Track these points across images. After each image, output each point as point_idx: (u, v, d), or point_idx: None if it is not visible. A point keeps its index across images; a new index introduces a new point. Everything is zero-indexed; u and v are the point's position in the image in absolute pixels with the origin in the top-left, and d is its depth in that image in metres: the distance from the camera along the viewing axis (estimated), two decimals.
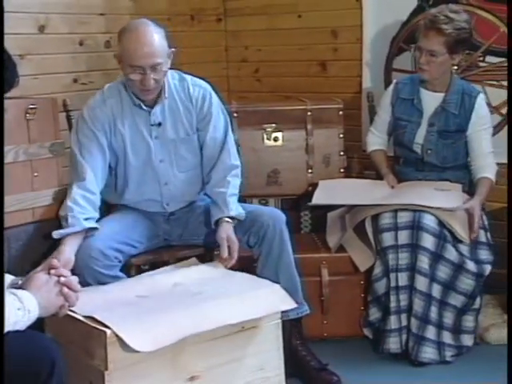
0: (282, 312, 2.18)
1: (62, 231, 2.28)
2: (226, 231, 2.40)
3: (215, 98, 2.56)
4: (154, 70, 2.34)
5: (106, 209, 2.59)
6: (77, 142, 2.43)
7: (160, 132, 2.50)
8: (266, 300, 2.12)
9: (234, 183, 2.54)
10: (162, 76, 2.39)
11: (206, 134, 2.54)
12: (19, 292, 1.64)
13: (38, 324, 1.70)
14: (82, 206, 2.34)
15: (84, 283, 2.11)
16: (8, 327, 1.57)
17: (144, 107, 2.46)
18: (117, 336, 1.82)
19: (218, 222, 2.44)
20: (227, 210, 2.44)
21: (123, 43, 2.36)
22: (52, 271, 1.75)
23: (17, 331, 1.58)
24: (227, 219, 2.43)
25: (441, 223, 2.64)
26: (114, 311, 1.94)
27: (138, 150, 2.49)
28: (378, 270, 2.69)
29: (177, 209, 2.59)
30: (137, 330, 1.85)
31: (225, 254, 2.34)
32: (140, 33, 2.34)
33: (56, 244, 2.26)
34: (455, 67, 2.88)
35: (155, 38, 2.34)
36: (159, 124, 2.48)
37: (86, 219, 2.32)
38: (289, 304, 2.15)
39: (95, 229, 2.32)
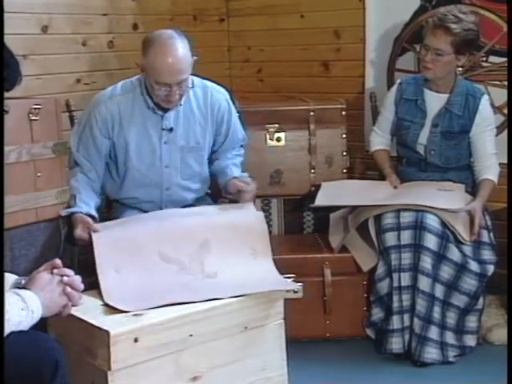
0: None
1: (69, 210, 2.37)
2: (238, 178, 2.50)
3: (232, 106, 2.63)
4: (180, 85, 2.36)
5: (105, 204, 2.61)
6: (76, 137, 2.51)
7: (170, 137, 2.50)
8: (264, 282, 2.13)
9: (236, 160, 2.66)
10: (187, 90, 2.42)
11: (225, 137, 2.63)
12: (22, 292, 1.64)
13: (41, 324, 1.70)
14: (88, 191, 2.44)
15: None
16: (12, 327, 1.57)
17: (158, 111, 2.46)
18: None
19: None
20: (231, 173, 2.54)
21: (149, 57, 2.35)
22: (55, 271, 1.75)
23: (20, 331, 1.59)
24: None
25: (443, 223, 2.63)
26: (124, 275, 2.08)
27: (143, 154, 2.49)
28: (380, 270, 2.69)
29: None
30: (123, 301, 1.97)
31: (241, 185, 2.43)
32: (167, 49, 2.32)
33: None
34: (460, 68, 2.88)
35: (181, 53, 2.34)
36: (171, 129, 2.49)
37: (88, 205, 2.39)
38: (288, 285, 2.16)
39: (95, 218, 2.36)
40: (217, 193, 2.71)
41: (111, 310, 1.97)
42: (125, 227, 2.27)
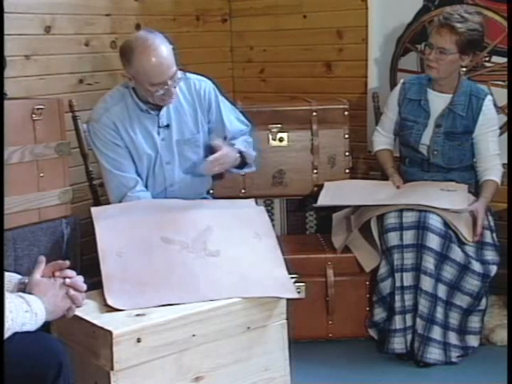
0: None
1: None
2: (227, 147, 2.51)
3: (218, 93, 2.64)
4: (173, 79, 2.39)
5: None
6: (106, 157, 2.48)
7: (166, 134, 2.53)
8: (267, 284, 2.12)
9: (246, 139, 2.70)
10: (179, 80, 2.44)
11: (223, 128, 2.63)
12: (26, 295, 1.65)
13: (45, 324, 1.71)
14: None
15: None
16: (16, 328, 1.57)
17: (151, 112, 2.48)
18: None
19: None
20: (237, 144, 2.59)
21: (136, 65, 2.36)
22: (57, 273, 1.75)
23: (24, 332, 1.59)
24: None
25: (446, 224, 2.63)
26: (126, 258, 2.09)
27: (146, 153, 2.52)
28: (383, 270, 2.69)
29: None
30: (124, 290, 2.00)
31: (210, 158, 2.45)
32: (149, 51, 2.34)
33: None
34: (463, 69, 2.87)
35: (163, 49, 2.37)
36: (167, 125, 2.51)
37: None
38: (290, 293, 2.14)
39: None
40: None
41: (114, 310, 1.97)
42: (127, 214, 2.27)
